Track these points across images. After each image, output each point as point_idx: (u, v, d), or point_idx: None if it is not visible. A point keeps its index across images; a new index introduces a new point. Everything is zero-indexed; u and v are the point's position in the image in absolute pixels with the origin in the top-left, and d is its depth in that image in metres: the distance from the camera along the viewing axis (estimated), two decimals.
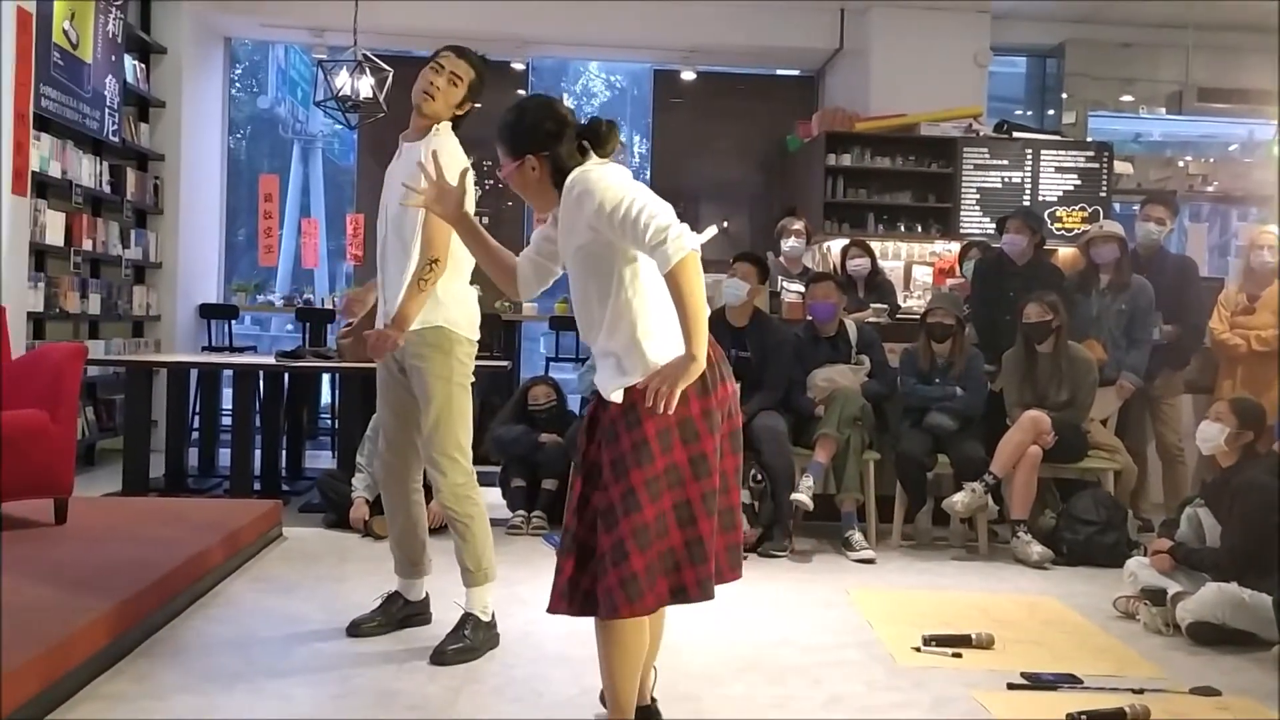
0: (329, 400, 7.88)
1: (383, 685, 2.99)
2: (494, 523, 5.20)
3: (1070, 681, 3.17)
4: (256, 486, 5.70)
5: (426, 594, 3.57)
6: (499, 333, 7.35)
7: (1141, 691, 3.07)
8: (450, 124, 3.28)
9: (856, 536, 4.87)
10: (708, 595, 2.36)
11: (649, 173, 9.46)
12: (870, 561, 4.75)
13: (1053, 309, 5.02)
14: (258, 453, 5.83)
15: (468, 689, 2.99)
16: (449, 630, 3.29)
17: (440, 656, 3.19)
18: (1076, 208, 7.84)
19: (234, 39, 8.94)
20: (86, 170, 6.46)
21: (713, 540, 2.36)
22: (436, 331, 3.25)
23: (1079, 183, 7.89)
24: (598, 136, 2.44)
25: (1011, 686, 3.14)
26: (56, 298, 6.13)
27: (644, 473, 2.30)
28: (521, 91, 9.13)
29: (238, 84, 13.15)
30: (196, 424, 6.55)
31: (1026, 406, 5.01)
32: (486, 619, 3.32)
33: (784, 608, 3.97)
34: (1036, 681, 3.16)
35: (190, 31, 7.81)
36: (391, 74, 6.92)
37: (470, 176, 2.95)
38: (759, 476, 4.89)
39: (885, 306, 6.17)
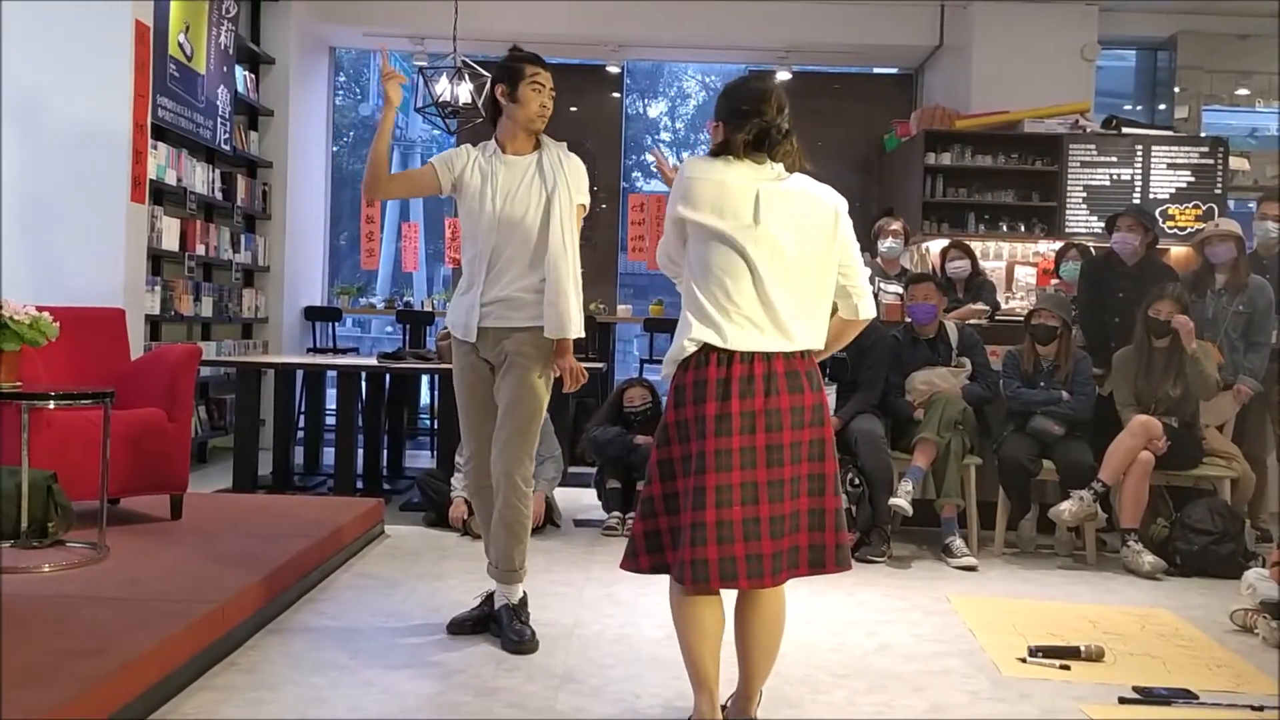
0: (428, 401, 8.04)
1: (483, 683, 3.04)
2: (589, 524, 5.31)
3: (1185, 697, 3.05)
4: (359, 485, 5.84)
5: (524, 594, 3.61)
6: (594, 334, 7.41)
7: (1261, 709, 2.95)
8: None
9: (957, 543, 4.77)
10: (695, 578, 2.41)
11: None
12: (972, 569, 4.65)
13: (1182, 309, 4.87)
14: (360, 452, 5.98)
15: (566, 688, 3.01)
16: (508, 625, 3.36)
17: (525, 645, 3.29)
18: (1190, 205, 7.56)
19: (338, 48, 9.18)
20: (200, 178, 6.70)
21: (700, 529, 2.39)
22: (541, 332, 3.32)
23: (1192, 179, 7.60)
24: (762, 136, 2.50)
25: (1123, 701, 3.03)
26: (172, 301, 6.37)
27: (659, 454, 2.54)
28: (616, 95, 9.19)
29: (341, 92, 13.48)
30: (302, 423, 6.74)
31: (1139, 401, 4.86)
32: None
33: (883, 614, 3.91)
34: (1150, 696, 3.06)
35: (297, 42, 8.05)
36: (490, 79, 7.01)
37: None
38: (856, 481, 4.83)
39: (986, 308, 6.03)
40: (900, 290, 5.68)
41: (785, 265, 2.47)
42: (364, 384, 6.15)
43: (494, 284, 3.34)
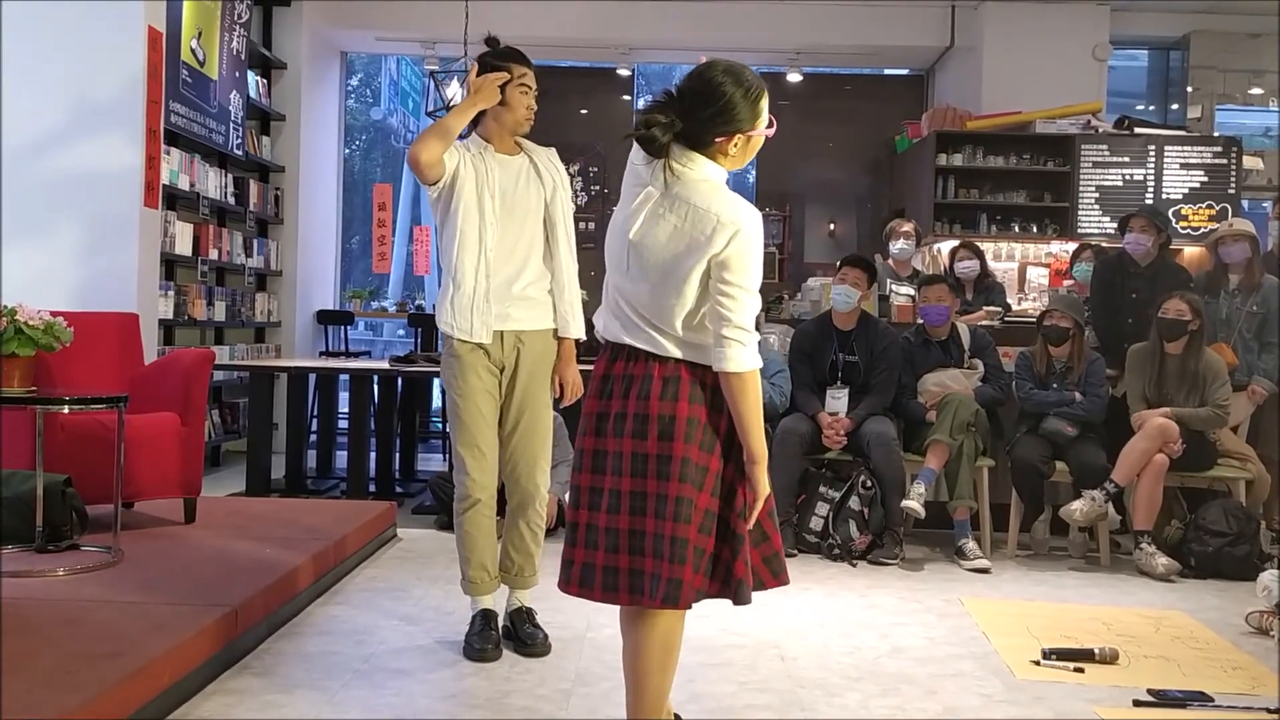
0: (440, 404, 8.04)
1: (495, 686, 3.04)
2: None
3: (1201, 700, 3.04)
4: (371, 488, 5.85)
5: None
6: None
7: (1277, 711, 2.93)
8: None
9: (970, 545, 4.76)
10: (562, 583, 2.36)
11: (754, 176, 9.43)
12: (985, 571, 4.64)
13: (1194, 310, 4.84)
14: (372, 455, 5.99)
15: (578, 691, 3.01)
16: (521, 628, 3.35)
17: (538, 648, 3.30)
18: (1203, 205, 7.54)
19: (349, 53, 9.21)
20: (213, 182, 6.73)
21: (588, 531, 2.32)
22: (551, 333, 3.34)
23: (1205, 179, 7.58)
24: (640, 140, 2.33)
25: (1138, 704, 3.02)
26: (185, 305, 6.39)
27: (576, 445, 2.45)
28: (627, 97, 9.19)
29: (353, 96, 13.54)
30: (314, 427, 6.75)
31: (1148, 403, 4.85)
32: None
33: (896, 617, 3.90)
34: (1164, 699, 3.04)
35: (309, 47, 8.07)
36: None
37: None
38: (868, 483, 4.83)
39: (999, 309, 6.02)
40: (912, 292, 5.67)
41: (645, 270, 2.26)
42: (376, 387, 6.17)
43: (504, 284, 3.25)
